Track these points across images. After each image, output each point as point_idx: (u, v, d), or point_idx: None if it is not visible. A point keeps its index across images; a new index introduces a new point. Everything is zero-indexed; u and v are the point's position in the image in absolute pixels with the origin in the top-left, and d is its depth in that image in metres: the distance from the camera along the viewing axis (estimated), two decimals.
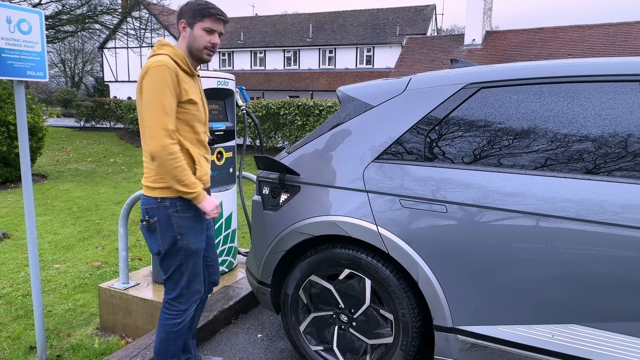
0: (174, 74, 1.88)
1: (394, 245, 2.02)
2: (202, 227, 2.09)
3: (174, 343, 2.13)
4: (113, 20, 18.01)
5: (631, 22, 18.37)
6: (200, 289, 2.15)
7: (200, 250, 2.09)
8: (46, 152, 12.95)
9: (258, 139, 6.00)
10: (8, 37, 2.26)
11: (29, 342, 2.92)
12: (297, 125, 12.24)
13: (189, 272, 2.07)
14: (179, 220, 2.00)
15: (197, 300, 2.16)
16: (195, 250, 2.06)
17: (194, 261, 2.07)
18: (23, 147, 2.43)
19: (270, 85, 27.31)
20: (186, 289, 2.09)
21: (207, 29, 1.97)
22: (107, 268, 4.30)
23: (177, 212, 1.99)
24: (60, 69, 45.62)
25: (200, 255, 2.10)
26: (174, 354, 2.15)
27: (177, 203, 1.99)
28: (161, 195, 1.98)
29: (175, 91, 1.90)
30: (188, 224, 2.02)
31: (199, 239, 2.07)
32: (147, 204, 2.00)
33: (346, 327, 2.25)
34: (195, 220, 2.05)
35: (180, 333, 2.12)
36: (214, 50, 2.02)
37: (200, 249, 2.09)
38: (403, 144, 2.10)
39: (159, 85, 1.85)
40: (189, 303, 2.11)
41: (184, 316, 2.11)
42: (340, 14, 28.68)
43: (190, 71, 2.00)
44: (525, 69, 1.95)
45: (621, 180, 1.70)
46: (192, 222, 2.03)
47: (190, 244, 2.04)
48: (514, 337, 1.85)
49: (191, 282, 2.09)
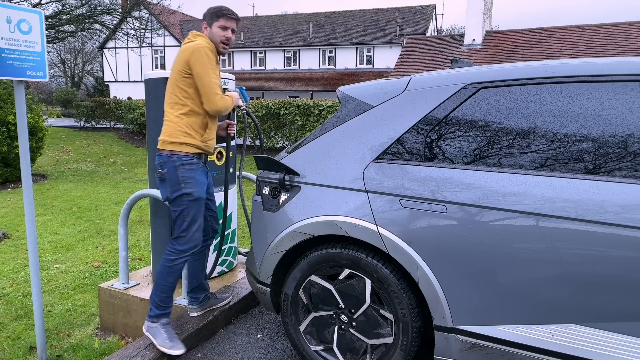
0: (211, 54, 2.42)
1: (393, 245, 2.02)
2: (203, 180, 2.53)
3: (165, 279, 2.49)
4: (113, 20, 18.02)
5: (631, 22, 18.36)
6: (199, 236, 2.53)
7: (201, 199, 2.50)
8: (46, 152, 12.95)
9: (258, 139, 5.99)
10: (8, 37, 2.26)
11: (29, 342, 2.92)
12: (297, 125, 12.23)
13: (190, 217, 2.47)
14: (184, 171, 2.45)
15: (193, 248, 2.52)
16: (197, 198, 2.47)
17: (195, 208, 2.48)
18: (23, 147, 2.43)
19: (270, 85, 27.30)
20: (185, 232, 2.47)
21: (222, 27, 2.51)
22: (107, 268, 4.30)
23: (183, 165, 2.44)
24: (60, 69, 45.62)
25: (201, 204, 2.51)
26: (162, 289, 2.50)
27: (183, 158, 2.45)
28: (172, 149, 2.44)
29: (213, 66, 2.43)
30: (190, 174, 2.46)
31: (200, 189, 2.49)
32: (160, 159, 2.47)
33: (346, 327, 2.25)
34: (197, 172, 2.49)
35: (171, 271, 2.49)
36: (228, 43, 2.55)
37: (202, 197, 2.51)
38: (403, 144, 2.10)
39: (206, 62, 2.39)
40: (186, 246, 2.48)
41: (179, 256, 2.48)
42: (340, 14, 28.67)
43: (216, 58, 2.50)
44: (525, 69, 1.95)
45: (621, 180, 1.70)
46: (194, 174, 2.47)
47: (194, 192, 2.46)
48: (514, 337, 1.84)
49: (190, 226, 2.48)
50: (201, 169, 2.54)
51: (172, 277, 2.50)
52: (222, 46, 2.53)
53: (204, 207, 2.56)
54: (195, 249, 2.54)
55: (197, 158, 2.52)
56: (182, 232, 2.47)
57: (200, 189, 2.50)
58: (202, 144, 2.51)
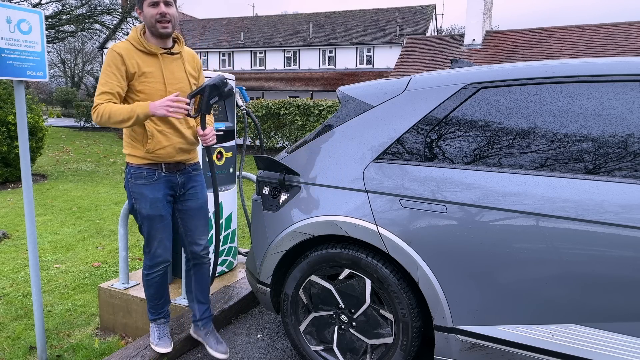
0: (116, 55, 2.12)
1: (393, 245, 2.02)
2: (155, 197, 2.25)
3: (146, 290, 2.42)
4: (113, 20, 18.01)
5: (631, 22, 18.36)
6: (163, 253, 2.33)
7: (153, 217, 2.26)
8: (46, 152, 12.94)
9: (258, 139, 6.00)
10: (8, 37, 2.26)
11: (29, 342, 2.92)
12: (297, 125, 12.23)
13: (147, 234, 2.31)
14: (133, 186, 2.27)
15: (160, 264, 2.35)
16: (146, 215, 2.26)
17: (149, 225, 2.28)
18: (23, 147, 2.43)
19: (270, 85, 27.30)
20: (147, 247, 2.33)
21: (151, 3, 2.14)
22: (107, 268, 4.30)
23: (132, 179, 2.27)
24: (60, 69, 45.61)
25: (156, 222, 2.28)
26: (148, 298, 2.45)
27: (132, 170, 2.26)
28: (127, 161, 2.29)
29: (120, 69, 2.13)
30: (138, 190, 2.25)
31: (150, 206, 2.25)
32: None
33: (346, 327, 2.25)
34: (145, 188, 2.25)
35: (148, 284, 2.39)
36: (165, 19, 2.14)
37: (153, 215, 2.26)
38: (403, 144, 2.10)
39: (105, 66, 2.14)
40: (152, 261, 2.34)
41: (150, 271, 2.36)
42: (340, 14, 28.67)
43: (146, 49, 2.18)
44: (525, 69, 1.95)
45: (621, 180, 1.70)
46: (142, 189, 2.25)
47: (142, 209, 2.26)
48: (514, 337, 1.84)
49: (150, 243, 2.32)
50: (154, 184, 2.25)
51: (151, 288, 2.41)
52: (160, 26, 2.14)
53: (164, 224, 2.30)
54: (164, 264, 2.36)
55: (148, 170, 2.24)
56: (145, 248, 2.35)
57: (151, 205, 2.25)
58: (149, 155, 2.22)
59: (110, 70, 2.12)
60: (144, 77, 2.17)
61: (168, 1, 2.16)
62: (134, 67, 2.14)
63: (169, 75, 2.23)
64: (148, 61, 2.18)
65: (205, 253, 2.47)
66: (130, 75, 2.15)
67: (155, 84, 2.19)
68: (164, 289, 2.47)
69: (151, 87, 2.18)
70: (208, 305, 2.54)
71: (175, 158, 2.28)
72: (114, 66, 2.12)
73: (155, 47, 2.19)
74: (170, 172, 2.30)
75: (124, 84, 2.15)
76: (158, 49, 2.20)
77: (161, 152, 2.23)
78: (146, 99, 2.17)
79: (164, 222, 2.30)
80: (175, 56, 2.28)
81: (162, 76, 2.21)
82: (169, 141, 2.24)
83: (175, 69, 2.26)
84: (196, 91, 2.18)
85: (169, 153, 2.25)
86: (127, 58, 2.13)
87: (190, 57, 2.37)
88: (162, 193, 2.27)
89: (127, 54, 2.13)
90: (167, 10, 2.14)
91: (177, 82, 2.26)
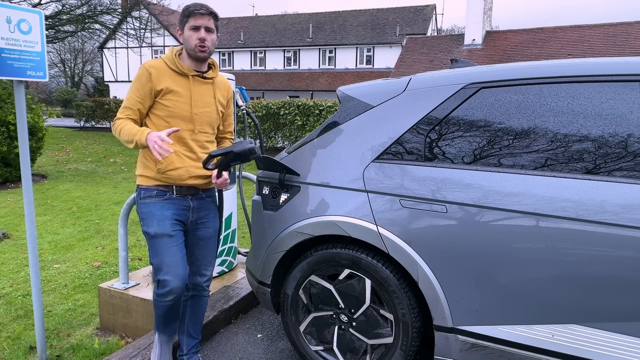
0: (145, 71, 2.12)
1: (393, 245, 2.02)
2: (163, 214, 2.14)
3: (156, 312, 2.21)
4: (113, 20, 18.00)
5: (631, 22, 18.36)
6: (170, 279, 2.08)
7: (160, 236, 2.12)
8: (46, 152, 12.95)
9: (258, 139, 6.00)
10: (8, 37, 2.26)
11: (29, 342, 2.92)
12: (297, 125, 12.23)
13: (155, 257, 2.14)
14: (141, 205, 2.20)
15: (168, 294, 2.09)
16: (154, 235, 2.12)
17: (156, 246, 2.13)
18: (23, 147, 2.43)
19: (270, 85, 27.30)
20: (155, 274, 2.14)
21: (192, 27, 2.12)
22: (107, 268, 4.30)
23: (141, 199, 2.20)
24: (60, 69, 45.63)
25: (164, 242, 2.11)
26: (157, 325, 2.26)
27: (142, 192, 2.20)
28: (137, 183, 2.23)
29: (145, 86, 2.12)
30: (146, 209, 2.17)
31: (158, 224, 2.13)
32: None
33: (346, 327, 2.25)
34: (154, 206, 2.16)
35: (158, 305, 2.16)
36: (204, 44, 2.13)
37: (160, 234, 2.12)
38: (403, 144, 2.10)
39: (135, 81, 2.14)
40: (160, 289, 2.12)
41: (159, 297, 2.13)
42: (340, 14, 28.67)
43: (178, 69, 2.16)
44: (525, 69, 1.95)
45: (621, 180, 1.70)
46: (150, 208, 2.16)
47: (149, 228, 2.14)
48: (514, 337, 1.84)
49: (158, 267, 2.11)
50: (164, 202, 2.16)
51: (158, 310, 2.20)
52: (198, 50, 2.13)
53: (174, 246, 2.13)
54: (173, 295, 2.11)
55: (158, 190, 2.17)
56: (154, 274, 2.15)
57: (158, 222, 2.13)
58: (160, 175, 2.14)
59: (136, 87, 2.12)
60: (172, 94, 2.14)
61: (210, 28, 2.14)
62: (162, 84, 2.12)
63: (197, 97, 2.20)
64: (178, 81, 2.16)
65: (207, 285, 2.36)
66: (157, 92, 2.12)
67: (181, 103, 2.15)
68: (175, 315, 2.23)
69: (176, 105, 2.14)
70: (198, 341, 2.42)
71: (187, 182, 2.18)
72: (140, 83, 2.12)
73: (187, 68, 2.17)
74: (182, 196, 2.21)
75: (147, 101, 2.13)
76: (190, 70, 2.17)
77: (173, 173, 2.15)
78: (169, 116, 2.15)
79: (174, 244, 2.13)
80: (207, 81, 2.24)
81: (189, 96, 2.17)
82: (182, 163, 2.16)
83: (204, 93, 2.23)
84: (221, 152, 2.11)
85: (180, 175, 2.16)
86: (156, 76, 2.11)
87: (222, 85, 2.34)
88: (171, 212, 2.16)
89: (157, 72, 2.12)
90: (207, 37, 2.12)
91: (203, 106, 2.22)
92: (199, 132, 2.21)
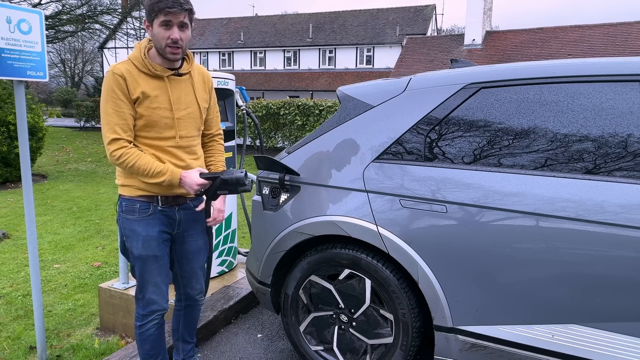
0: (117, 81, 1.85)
1: (393, 245, 2.02)
2: (148, 235, 1.95)
3: (140, 346, 2.10)
4: (113, 20, 18.01)
5: (631, 22, 18.36)
6: (157, 299, 2.01)
7: (145, 257, 1.96)
8: (46, 152, 12.94)
9: (258, 139, 6.02)
10: (8, 37, 2.26)
11: (29, 342, 2.92)
12: (297, 125, 12.23)
13: (139, 277, 2.01)
14: (124, 221, 1.99)
15: (155, 312, 2.03)
16: (138, 256, 1.97)
17: (141, 267, 1.98)
18: (23, 147, 2.42)
19: (270, 85, 27.30)
20: (139, 293, 2.03)
21: (163, 23, 1.81)
22: (107, 268, 4.30)
23: (123, 213, 1.99)
24: (60, 69, 45.63)
25: (149, 263, 1.98)
26: (142, 356, 2.12)
27: (124, 203, 1.98)
28: (119, 193, 2.01)
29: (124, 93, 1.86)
30: (129, 226, 1.97)
31: (143, 245, 1.95)
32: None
33: (346, 327, 2.25)
34: (139, 224, 1.95)
35: (142, 337, 2.06)
36: (177, 45, 1.85)
37: (145, 256, 1.96)
38: (403, 144, 2.10)
39: (106, 92, 1.86)
40: (145, 309, 2.03)
41: (143, 322, 2.04)
42: (340, 14, 28.67)
43: (151, 71, 1.90)
44: (526, 69, 1.95)
45: (621, 180, 1.70)
46: (133, 225, 1.96)
47: (133, 248, 1.97)
48: (514, 337, 1.84)
49: (142, 288, 2.01)
50: (148, 219, 1.95)
51: (145, 344, 2.07)
52: (169, 51, 1.84)
53: (159, 266, 2.00)
54: (159, 312, 2.04)
55: (142, 202, 1.96)
56: (138, 294, 2.03)
57: (143, 244, 1.95)
58: (144, 185, 1.93)
59: (116, 97, 1.84)
60: (148, 101, 1.88)
61: (184, 23, 1.84)
62: (137, 91, 1.87)
63: (177, 100, 1.96)
64: (153, 84, 1.90)
65: (200, 296, 2.23)
66: (133, 100, 1.88)
67: (160, 109, 1.91)
68: (161, 344, 2.13)
69: (155, 112, 1.90)
70: (193, 345, 2.36)
71: (175, 191, 1.98)
72: (119, 91, 1.85)
73: (161, 69, 1.91)
74: (168, 206, 2.00)
75: (133, 109, 1.88)
76: (164, 71, 1.92)
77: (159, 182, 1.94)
78: (147, 126, 1.91)
79: (159, 264, 2.00)
80: (184, 77, 1.99)
81: (168, 101, 1.93)
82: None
83: (183, 93, 1.98)
84: (209, 176, 1.96)
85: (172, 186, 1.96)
86: (130, 82, 1.86)
87: (200, 77, 2.08)
88: (157, 230, 1.97)
89: (129, 77, 1.86)
90: (180, 36, 1.84)
91: (185, 107, 1.98)
92: (184, 137, 2.00)
